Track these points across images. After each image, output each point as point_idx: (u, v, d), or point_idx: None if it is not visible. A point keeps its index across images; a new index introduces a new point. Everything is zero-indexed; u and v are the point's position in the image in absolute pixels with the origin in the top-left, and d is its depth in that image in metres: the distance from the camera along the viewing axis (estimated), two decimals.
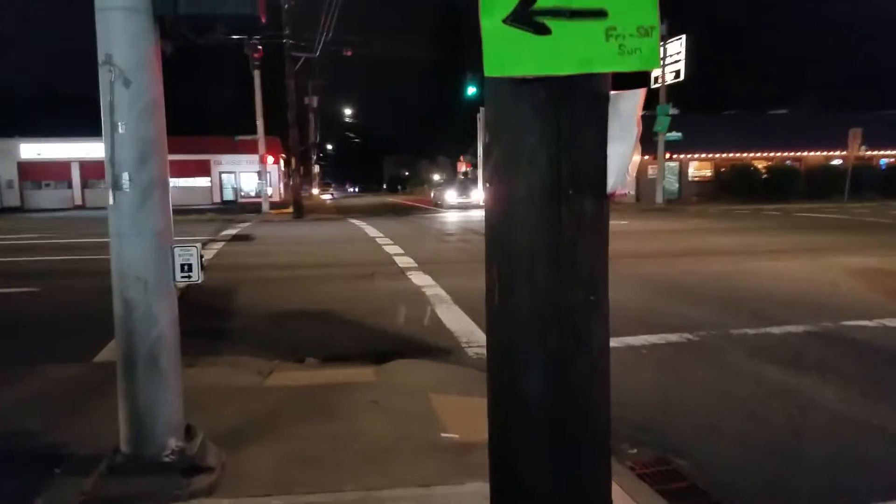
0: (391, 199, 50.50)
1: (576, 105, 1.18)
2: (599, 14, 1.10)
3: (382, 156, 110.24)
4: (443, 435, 2.99)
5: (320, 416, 3.23)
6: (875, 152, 26.65)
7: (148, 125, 2.35)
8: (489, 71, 1.16)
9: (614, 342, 4.73)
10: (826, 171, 27.78)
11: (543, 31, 1.11)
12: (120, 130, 2.31)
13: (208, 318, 5.59)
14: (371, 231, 14.63)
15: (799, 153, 30.19)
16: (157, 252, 2.40)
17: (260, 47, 20.53)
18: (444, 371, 4.05)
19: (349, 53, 23.31)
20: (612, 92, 1.20)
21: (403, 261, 8.94)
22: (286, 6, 21.16)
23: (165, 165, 2.45)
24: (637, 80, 1.25)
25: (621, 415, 3.54)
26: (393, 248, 10.51)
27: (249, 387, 3.74)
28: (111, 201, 2.35)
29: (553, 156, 1.19)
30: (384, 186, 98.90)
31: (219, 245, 11.63)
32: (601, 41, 1.11)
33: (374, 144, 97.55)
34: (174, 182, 37.06)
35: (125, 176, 2.32)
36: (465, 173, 69.03)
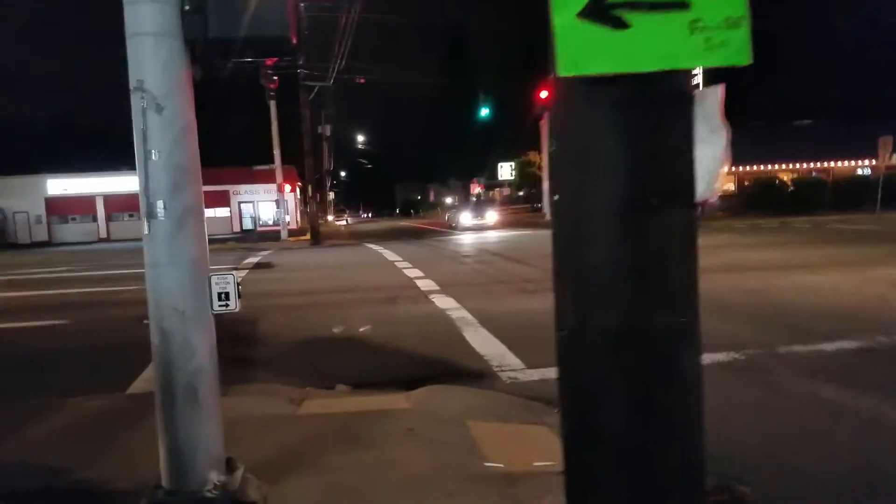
0: (404, 222, 50.63)
1: (658, 105, 1.09)
2: (681, 6, 1.02)
3: (394, 181, 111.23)
4: (486, 464, 2.85)
5: (357, 446, 3.12)
6: None
7: (182, 152, 2.31)
8: (562, 70, 1.08)
9: None
10: (855, 182, 27.29)
11: (621, 25, 1.03)
12: (153, 158, 2.26)
13: (236, 346, 5.53)
14: (389, 255, 14.59)
15: (825, 164, 29.76)
16: (194, 281, 2.34)
17: (276, 77, 20.89)
18: (480, 397, 3.92)
19: (362, 81, 23.63)
20: (697, 90, 1.11)
21: (425, 284, 8.84)
22: (300, 36, 21.57)
23: (200, 193, 2.40)
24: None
25: None
26: (413, 272, 10.43)
27: (283, 416, 3.65)
28: (146, 231, 2.30)
29: (633, 161, 1.10)
30: (397, 211, 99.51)
31: (242, 273, 11.66)
32: (685, 35, 1.02)
33: (385, 170, 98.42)
34: None
35: (160, 204, 2.27)
36: (478, 195, 69.40)
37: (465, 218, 27.38)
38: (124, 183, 37.75)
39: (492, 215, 27.74)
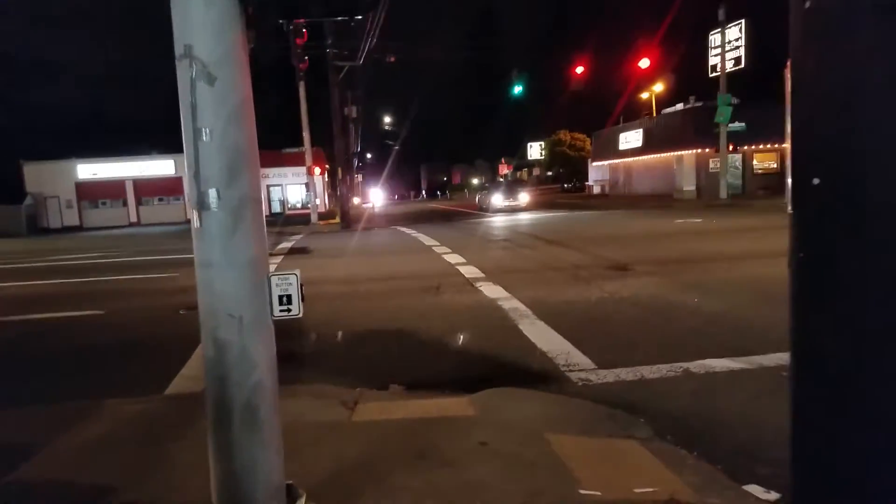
0: (433, 205, 50.21)
1: None
2: None
3: (420, 162, 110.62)
4: (582, 491, 2.48)
5: (426, 462, 2.77)
6: None
7: (238, 131, 1.94)
8: None
9: (743, 363, 4.14)
10: None
11: None
12: (204, 138, 1.90)
13: (278, 340, 5.24)
14: (425, 239, 14.23)
15: None
16: (252, 283, 1.99)
17: (306, 58, 20.52)
18: (553, 404, 3.54)
19: (392, 60, 23.09)
20: None
21: (468, 271, 8.45)
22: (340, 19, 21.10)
23: (258, 180, 2.04)
24: None
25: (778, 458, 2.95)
26: (453, 258, 10.05)
27: (337, 422, 3.33)
28: (196, 224, 1.95)
29: None
30: (423, 193, 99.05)
31: (278, 259, 11.45)
32: None
33: (411, 151, 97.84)
34: None
35: (213, 193, 1.91)
36: (506, 176, 68.43)
37: (497, 199, 26.83)
38: (154, 167, 38.12)
39: (524, 196, 27.14)
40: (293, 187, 39.74)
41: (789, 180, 1.19)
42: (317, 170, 23.18)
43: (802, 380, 1.02)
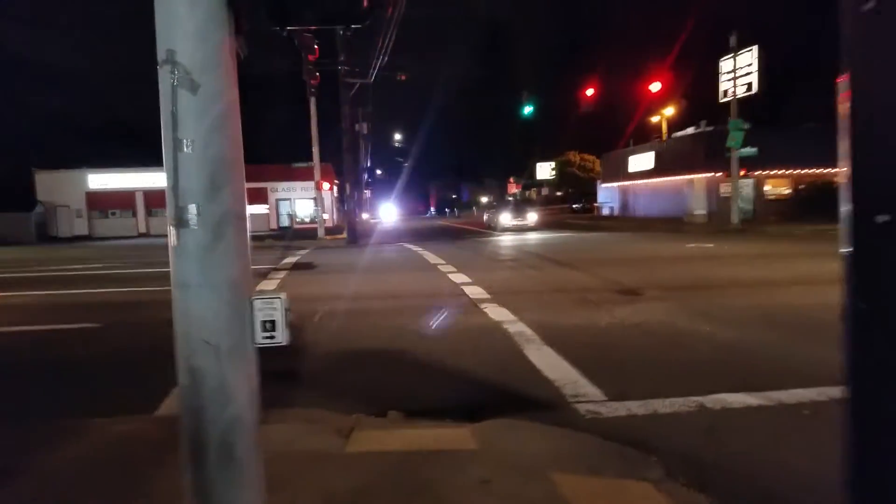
0: (440, 222, 50.17)
1: None
2: None
3: (429, 179, 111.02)
4: None
5: (422, 501, 2.58)
6: None
7: (221, 142, 1.79)
8: None
9: (760, 398, 3.90)
10: None
11: None
12: (185, 149, 1.75)
13: (273, 358, 5.07)
14: (430, 257, 14.06)
15: None
16: (233, 307, 1.82)
17: (318, 74, 20.62)
18: (559, 438, 3.32)
19: (403, 78, 23.18)
20: None
21: (473, 291, 8.26)
22: (341, 32, 21.25)
23: (243, 194, 1.87)
24: None
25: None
26: (459, 277, 9.85)
27: (330, 453, 3.13)
28: (173, 241, 1.79)
29: None
30: (431, 210, 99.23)
31: (281, 274, 11.30)
32: None
33: (420, 168, 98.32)
34: None
35: (192, 209, 1.76)
36: (515, 195, 68.39)
37: (505, 218, 26.65)
38: (165, 179, 38.33)
39: (532, 216, 26.94)
40: (302, 201, 39.84)
41: (843, 212, 1.02)
42: (325, 185, 23.17)
43: (861, 431, 0.84)
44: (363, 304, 7.80)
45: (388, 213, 58.20)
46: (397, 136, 53.75)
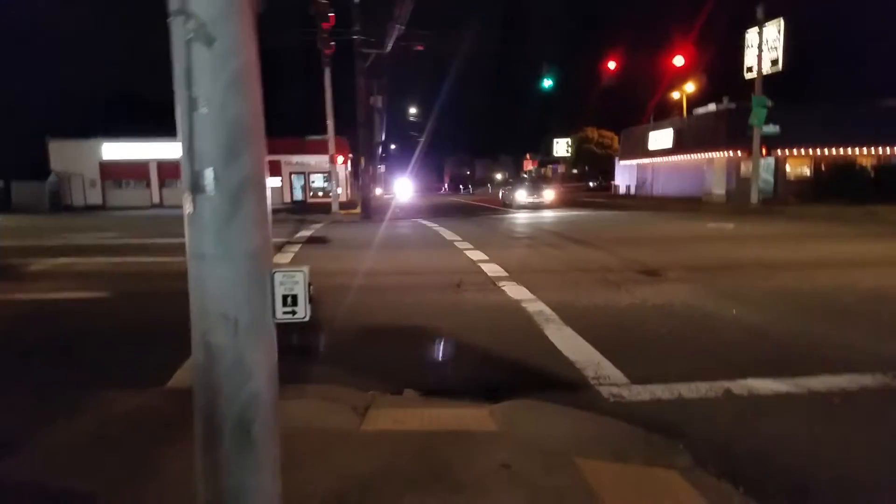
0: (455, 199, 49.90)
1: None
2: None
3: (444, 155, 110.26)
4: None
5: (441, 485, 2.48)
6: None
7: (240, 101, 1.65)
8: None
9: (789, 384, 3.74)
10: None
11: None
12: (201, 109, 1.62)
13: (289, 333, 5.02)
14: (446, 234, 13.93)
15: None
16: (252, 280, 1.71)
17: (333, 43, 20.29)
18: (582, 421, 3.22)
19: (421, 48, 22.76)
20: None
21: (491, 269, 8.13)
22: (357, 1, 20.83)
23: (263, 160, 1.74)
24: None
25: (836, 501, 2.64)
26: (475, 254, 9.72)
27: (347, 431, 3.06)
28: (189, 208, 1.67)
29: None
30: (445, 186, 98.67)
31: (296, 248, 11.28)
32: None
33: (435, 143, 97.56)
34: None
35: (208, 174, 1.63)
36: (530, 172, 67.64)
37: (521, 196, 26.38)
38: (179, 146, 38.42)
39: (549, 193, 26.63)
40: (315, 175, 39.73)
41: None
42: (339, 158, 23.00)
43: None
44: (379, 279, 7.72)
45: (403, 188, 57.97)
46: (412, 111, 53.17)
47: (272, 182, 39.33)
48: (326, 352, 4.63)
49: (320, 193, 38.12)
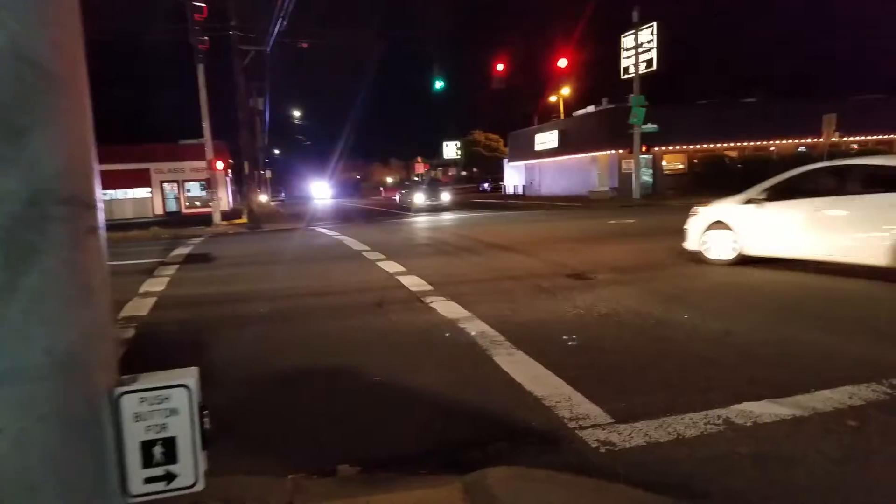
0: (349, 203, 48.29)
1: None
2: None
3: (331, 159, 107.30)
4: None
5: None
6: (849, 138, 26.66)
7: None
8: None
9: (789, 406, 2.99)
10: (801, 159, 27.67)
11: None
12: None
13: None
14: (351, 242, 12.79)
15: (772, 141, 30.13)
16: (62, 420, 0.74)
17: (206, 37, 18.29)
18: (585, 495, 2.47)
19: (305, 46, 21.32)
20: None
21: (412, 282, 7.24)
22: None
23: (89, 189, 0.77)
24: None
25: None
26: (390, 265, 8.75)
27: None
28: None
29: None
30: (334, 190, 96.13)
31: (171, 270, 9.51)
32: None
33: (322, 147, 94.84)
34: (110, 194, 34.08)
35: None
36: (426, 174, 67.33)
37: (420, 198, 25.80)
38: None
39: (446, 196, 26.33)
40: (192, 183, 36.41)
41: None
42: (219, 164, 20.89)
43: None
44: (281, 303, 6.55)
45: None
46: (297, 114, 50.81)
47: (141, 193, 35.51)
48: (223, 417, 3.52)
49: (198, 203, 34.91)
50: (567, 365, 3.97)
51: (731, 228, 7.59)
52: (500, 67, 25.20)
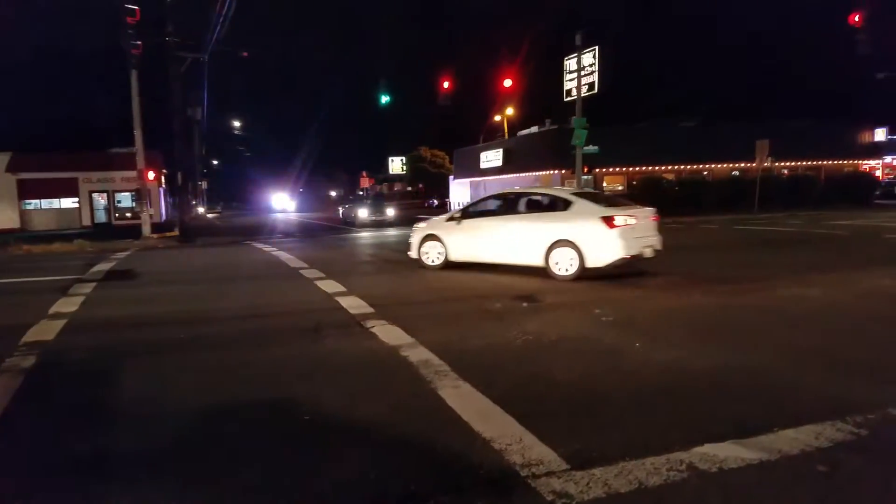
0: (291, 216, 46.95)
1: None
2: None
3: (274, 171, 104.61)
4: None
5: None
6: (781, 163, 28.14)
7: None
8: None
9: (755, 449, 2.88)
10: (735, 183, 28.95)
11: None
12: None
13: (73, 436, 3.33)
14: (289, 259, 12.16)
15: (707, 165, 31.43)
16: None
17: (139, 42, 17.27)
18: None
19: (245, 55, 20.57)
20: None
21: (352, 303, 6.80)
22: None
23: None
24: None
25: None
26: (329, 285, 8.25)
27: None
28: None
29: None
30: (297, 203, 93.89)
31: (88, 289, 8.58)
32: None
33: (263, 159, 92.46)
34: (33, 204, 31.68)
35: None
36: (367, 190, 66.64)
37: (364, 213, 25.28)
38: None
39: (391, 211, 25.93)
40: (123, 194, 34.38)
41: None
42: (151, 174, 19.71)
43: None
44: (207, 328, 5.97)
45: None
46: (237, 124, 49.22)
47: (67, 203, 33.28)
48: (138, 469, 3.02)
49: (129, 215, 32.94)
50: (516, 398, 3.70)
51: (440, 240, 9.55)
52: (446, 85, 25.16)
